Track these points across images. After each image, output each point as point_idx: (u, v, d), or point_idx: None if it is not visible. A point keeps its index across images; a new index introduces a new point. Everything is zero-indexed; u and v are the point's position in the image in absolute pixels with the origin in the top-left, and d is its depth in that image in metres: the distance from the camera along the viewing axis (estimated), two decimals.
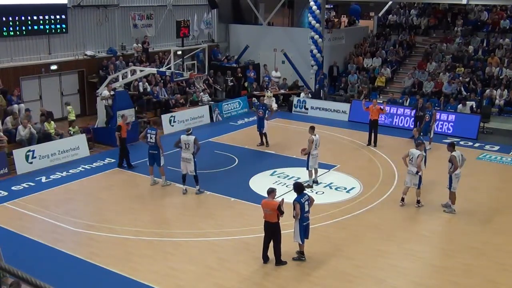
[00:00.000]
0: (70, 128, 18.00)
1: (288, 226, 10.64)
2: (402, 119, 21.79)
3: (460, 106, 21.28)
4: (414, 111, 20.36)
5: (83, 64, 21.97)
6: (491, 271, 10.44)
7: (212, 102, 23.09)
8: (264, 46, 27.38)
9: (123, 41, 23.61)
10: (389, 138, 19.92)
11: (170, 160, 15.56)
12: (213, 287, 9.70)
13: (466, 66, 24.63)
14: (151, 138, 14.59)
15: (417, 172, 13.12)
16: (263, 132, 18.46)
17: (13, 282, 7.75)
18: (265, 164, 16.74)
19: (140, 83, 21.65)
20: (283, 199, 10.37)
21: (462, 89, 22.81)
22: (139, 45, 23.88)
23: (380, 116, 19.18)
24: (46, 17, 20.14)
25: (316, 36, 24.71)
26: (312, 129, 14.78)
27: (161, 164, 14.68)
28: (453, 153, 13.12)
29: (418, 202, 13.44)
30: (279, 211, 10.04)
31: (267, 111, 18.39)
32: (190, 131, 14.34)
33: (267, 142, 18.59)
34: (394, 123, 21.71)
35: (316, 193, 14.23)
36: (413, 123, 20.33)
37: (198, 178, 14.18)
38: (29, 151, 15.95)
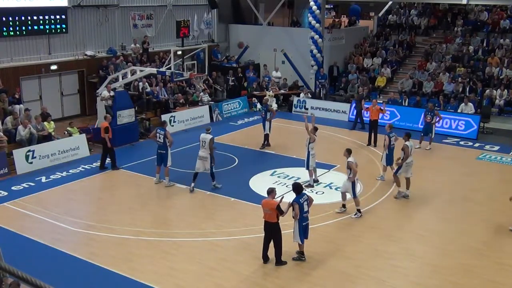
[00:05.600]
0: (68, 128, 17.98)
1: (288, 226, 10.65)
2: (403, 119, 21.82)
3: (462, 104, 21.23)
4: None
5: (83, 64, 21.97)
6: (491, 271, 10.45)
7: (212, 102, 23.09)
8: (264, 46, 27.38)
9: (123, 41, 23.60)
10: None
11: (172, 160, 15.53)
12: (213, 287, 9.70)
13: (466, 66, 24.64)
14: (159, 138, 14.66)
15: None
16: (265, 133, 18.41)
17: (13, 282, 7.75)
18: (265, 164, 16.74)
19: (140, 83, 21.65)
20: (282, 198, 10.38)
21: (467, 89, 22.79)
22: (138, 45, 23.89)
23: (380, 116, 19.17)
24: (46, 17, 20.13)
25: (316, 36, 24.71)
26: (315, 129, 14.80)
27: (168, 165, 14.74)
28: (406, 143, 13.74)
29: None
30: (278, 210, 10.05)
31: (268, 113, 18.36)
32: (210, 130, 14.54)
33: (266, 143, 18.51)
34: (394, 123, 21.66)
35: (316, 193, 14.24)
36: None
37: (214, 174, 14.39)
38: (29, 151, 15.94)
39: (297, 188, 10.56)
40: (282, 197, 10.56)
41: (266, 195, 10.48)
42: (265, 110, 18.39)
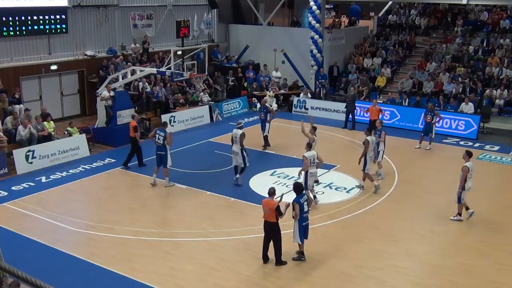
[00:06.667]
0: (68, 128, 17.98)
1: (288, 226, 10.65)
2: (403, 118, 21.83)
3: (463, 104, 21.23)
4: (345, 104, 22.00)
5: (83, 64, 21.97)
6: (491, 271, 10.45)
7: (212, 102, 23.08)
8: (264, 46, 27.38)
9: (123, 41, 23.61)
10: (389, 138, 19.87)
11: (172, 161, 15.54)
12: (213, 287, 9.70)
13: (466, 66, 24.64)
14: (159, 139, 14.64)
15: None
16: (264, 134, 18.37)
17: (13, 282, 7.75)
18: (265, 164, 16.73)
19: (140, 83, 21.65)
20: (281, 198, 10.37)
21: (467, 89, 22.80)
22: (137, 45, 23.89)
23: (380, 116, 19.16)
24: (46, 17, 20.14)
25: (316, 36, 24.71)
26: (314, 129, 14.86)
27: (168, 165, 14.70)
28: (367, 137, 14.21)
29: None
30: (277, 211, 10.05)
31: (268, 114, 18.36)
32: (241, 125, 15.06)
33: (267, 144, 18.48)
34: (394, 123, 21.69)
35: (316, 193, 14.22)
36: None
37: (244, 170, 14.68)
38: (29, 151, 15.93)
39: (298, 188, 10.56)
40: (281, 197, 10.52)
41: (266, 195, 10.48)
42: (265, 112, 18.34)
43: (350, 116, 21.39)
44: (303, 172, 12.97)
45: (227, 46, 28.99)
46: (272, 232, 10.29)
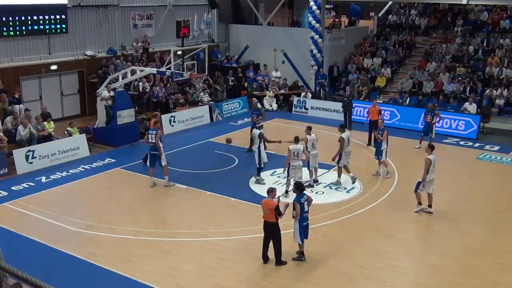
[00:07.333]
0: (68, 128, 17.97)
1: (288, 226, 10.65)
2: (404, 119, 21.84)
3: (467, 103, 21.21)
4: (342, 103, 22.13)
5: (83, 64, 21.98)
6: (491, 271, 10.45)
7: (212, 102, 23.08)
8: (264, 46, 27.38)
9: (123, 41, 23.62)
10: (389, 138, 19.86)
11: (170, 160, 15.55)
12: (213, 287, 9.70)
13: (466, 66, 24.65)
14: (151, 138, 14.58)
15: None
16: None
17: (15, 284, 7.74)
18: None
19: (140, 83, 21.65)
20: (279, 198, 10.37)
21: (467, 89, 22.80)
22: (139, 44, 23.89)
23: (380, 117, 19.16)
24: (46, 17, 20.15)
25: (316, 36, 24.71)
26: (309, 129, 14.87)
27: (163, 164, 14.65)
28: (342, 135, 14.57)
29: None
30: (277, 211, 10.05)
31: (260, 116, 18.29)
32: (260, 125, 15.58)
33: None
34: (395, 123, 21.68)
35: (316, 193, 14.24)
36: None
37: (261, 170, 14.97)
38: (29, 151, 15.93)
39: (299, 187, 10.57)
40: (279, 197, 10.52)
41: (266, 195, 10.48)
42: (257, 114, 18.26)
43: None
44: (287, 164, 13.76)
45: (227, 46, 28.99)
46: (272, 232, 10.29)
